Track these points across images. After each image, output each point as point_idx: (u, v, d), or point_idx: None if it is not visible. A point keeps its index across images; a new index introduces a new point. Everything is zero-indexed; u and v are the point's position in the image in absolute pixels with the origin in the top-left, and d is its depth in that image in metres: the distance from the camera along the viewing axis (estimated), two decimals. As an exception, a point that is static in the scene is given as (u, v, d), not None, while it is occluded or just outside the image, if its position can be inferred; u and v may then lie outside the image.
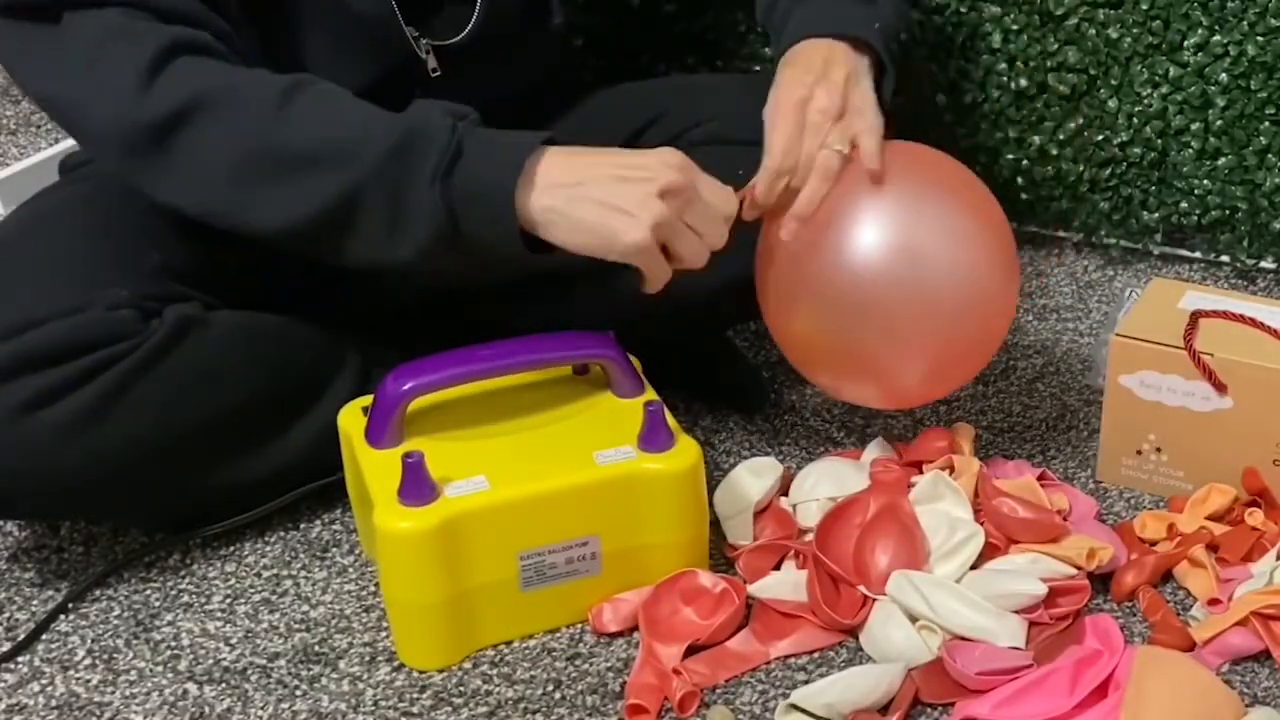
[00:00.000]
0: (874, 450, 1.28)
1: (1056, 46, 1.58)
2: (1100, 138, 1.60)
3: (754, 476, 1.24)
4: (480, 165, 1.07)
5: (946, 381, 1.24)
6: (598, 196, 1.06)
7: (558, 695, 1.10)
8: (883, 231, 1.15)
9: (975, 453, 1.28)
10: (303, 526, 1.28)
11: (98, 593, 1.21)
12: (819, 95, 1.16)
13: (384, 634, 1.16)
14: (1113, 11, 1.56)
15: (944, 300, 1.16)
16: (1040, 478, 1.26)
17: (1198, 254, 1.64)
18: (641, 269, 1.10)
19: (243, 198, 1.11)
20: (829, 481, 1.24)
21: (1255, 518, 1.21)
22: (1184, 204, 1.59)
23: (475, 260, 1.11)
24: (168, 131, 1.09)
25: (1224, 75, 1.54)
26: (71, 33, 1.10)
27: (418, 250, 1.09)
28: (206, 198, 1.12)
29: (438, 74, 1.25)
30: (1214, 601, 1.14)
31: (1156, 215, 1.61)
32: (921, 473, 1.24)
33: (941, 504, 1.19)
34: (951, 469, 1.23)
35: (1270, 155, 1.54)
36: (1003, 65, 1.60)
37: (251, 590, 1.21)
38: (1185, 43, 1.55)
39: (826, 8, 1.23)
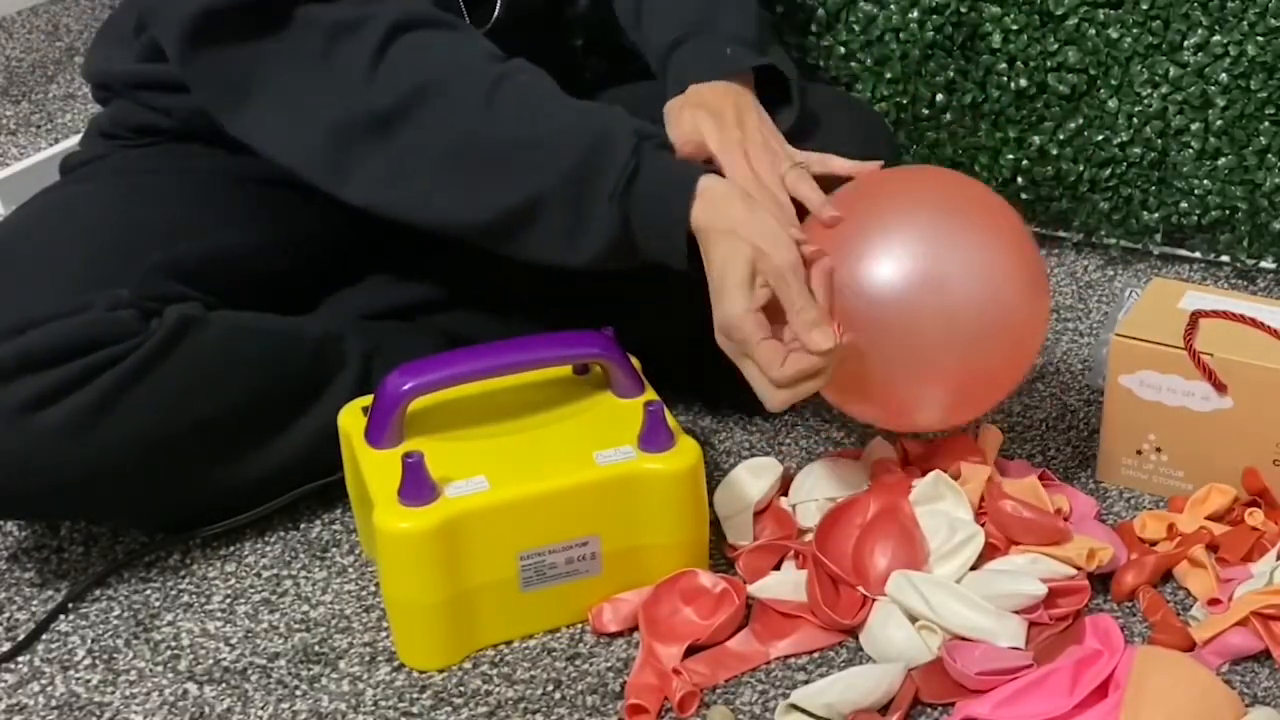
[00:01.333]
0: (875, 450, 1.28)
1: (1056, 46, 1.58)
2: (1100, 138, 1.60)
3: (753, 476, 1.24)
4: (655, 188, 1.11)
5: (966, 410, 1.20)
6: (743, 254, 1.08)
7: (558, 695, 1.10)
8: (901, 259, 1.12)
9: (996, 455, 1.28)
10: (303, 526, 1.28)
11: (98, 593, 1.21)
12: (752, 151, 1.18)
13: (384, 634, 1.16)
14: (1113, 11, 1.56)
15: (967, 326, 1.13)
16: (1040, 478, 1.26)
17: (1198, 254, 1.64)
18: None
19: (437, 193, 1.14)
20: (829, 481, 1.24)
21: (1255, 518, 1.21)
22: (1184, 204, 1.59)
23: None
24: (386, 128, 1.13)
25: (1224, 75, 1.54)
26: (300, 33, 1.13)
27: (594, 257, 1.14)
28: (403, 193, 1.15)
29: None
30: (1214, 601, 1.14)
31: (1156, 215, 1.61)
32: (923, 474, 1.24)
33: (942, 504, 1.19)
34: (958, 474, 1.23)
35: (1270, 155, 1.54)
36: (1003, 65, 1.60)
37: (251, 590, 1.21)
38: (1185, 43, 1.55)
39: (714, 47, 1.25)
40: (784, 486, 1.27)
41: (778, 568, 1.19)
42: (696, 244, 1.11)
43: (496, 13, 1.26)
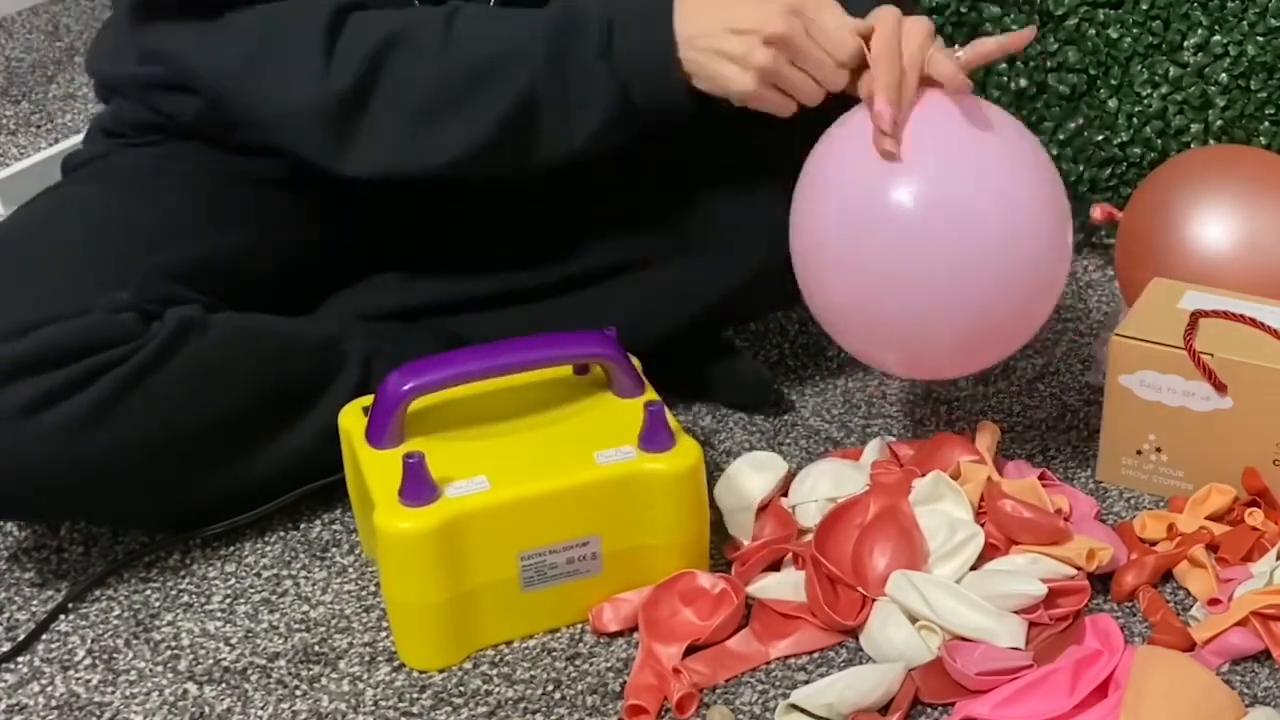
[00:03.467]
0: (873, 450, 1.28)
1: (1056, 46, 1.58)
2: (1100, 138, 1.60)
3: (755, 471, 1.23)
4: (635, 33, 1.13)
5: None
6: (715, 46, 1.12)
7: (558, 695, 1.10)
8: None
9: (996, 454, 1.28)
10: (303, 526, 1.28)
11: (98, 593, 1.21)
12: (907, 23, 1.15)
13: (384, 634, 1.16)
14: (1113, 11, 1.56)
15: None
16: (1040, 478, 1.26)
17: (1198, 254, 1.64)
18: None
19: (432, 136, 1.16)
20: (828, 482, 1.24)
21: (1255, 518, 1.21)
22: (1184, 204, 1.59)
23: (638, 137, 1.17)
24: (361, 96, 1.15)
25: (1224, 75, 1.55)
26: (239, 22, 1.15)
27: (593, 133, 1.15)
28: (399, 151, 1.17)
29: None
30: (1214, 601, 1.14)
31: (1156, 215, 1.61)
32: (922, 475, 1.24)
33: (942, 504, 1.19)
34: (957, 475, 1.23)
35: (1270, 155, 1.54)
36: (1003, 65, 1.60)
37: (251, 590, 1.21)
38: (1185, 43, 1.55)
39: None
40: (785, 486, 1.27)
41: (777, 568, 1.19)
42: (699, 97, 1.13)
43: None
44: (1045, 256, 1.15)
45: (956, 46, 1.16)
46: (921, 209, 1.11)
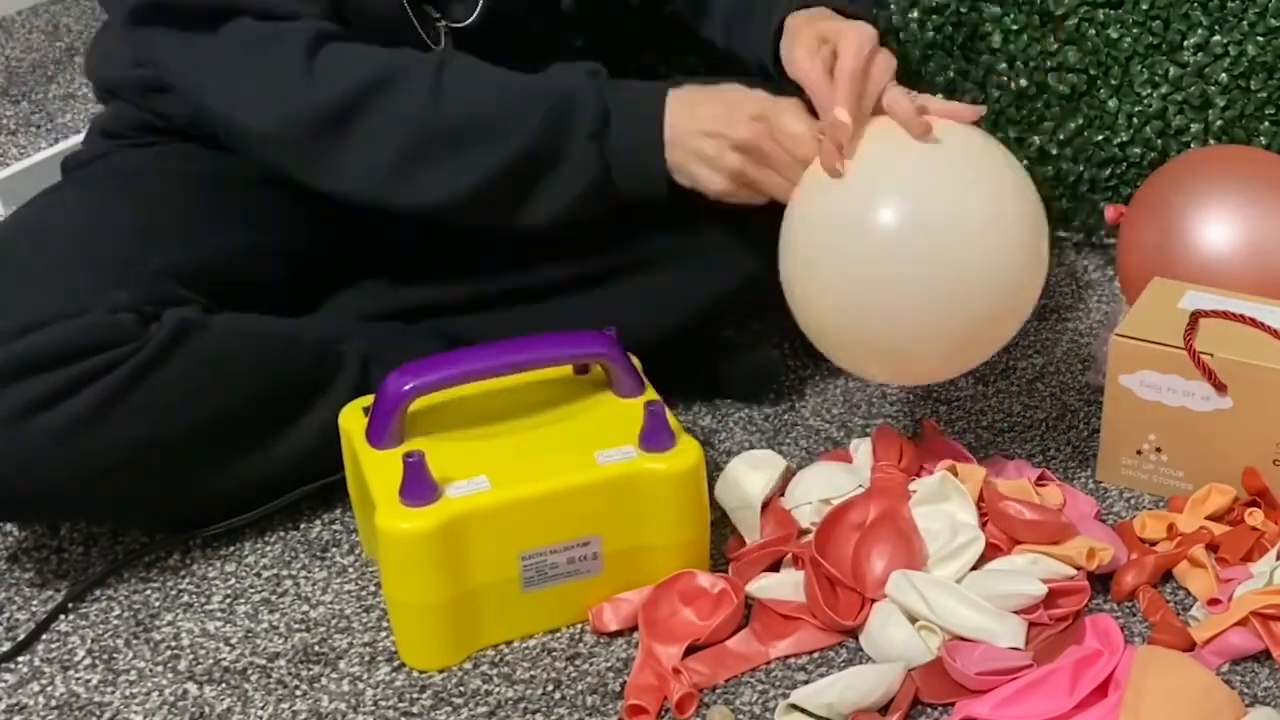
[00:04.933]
0: (863, 450, 1.27)
1: (1056, 46, 1.58)
2: (1100, 138, 1.60)
3: (752, 469, 1.23)
4: (629, 125, 1.18)
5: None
6: (692, 147, 1.17)
7: (558, 695, 1.10)
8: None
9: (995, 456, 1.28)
10: (303, 526, 1.28)
11: (98, 593, 1.21)
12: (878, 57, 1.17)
13: (384, 634, 1.16)
14: (1113, 11, 1.56)
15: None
16: (1040, 478, 1.26)
17: (1198, 254, 1.64)
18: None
19: (411, 177, 1.18)
20: (820, 485, 1.24)
21: (1255, 518, 1.21)
22: (1184, 204, 1.59)
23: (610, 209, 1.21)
24: (342, 118, 1.17)
25: (1224, 75, 1.54)
26: (225, 38, 1.17)
27: (566, 207, 1.19)
28: (375, 181, 1.19)
29: None
30: (1214, 601, 1.14)
31: (1156, 215, 1.61)
32: (920, 476, 1.24)
33: (947, 505, 1.19)
34: (954, 473, 1.23)
35: (1270, 155, 1.54)
36: (1003, 65, 1.60)
37: (251, 590, 1.21)
38: (1185, 43, 1.55)
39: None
40: (784, 484, 1.26)
41: (775, 569, 1.19)
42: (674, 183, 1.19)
43: (479, 9, 1.26)
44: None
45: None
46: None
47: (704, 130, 1.17)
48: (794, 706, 1.05)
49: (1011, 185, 1.16)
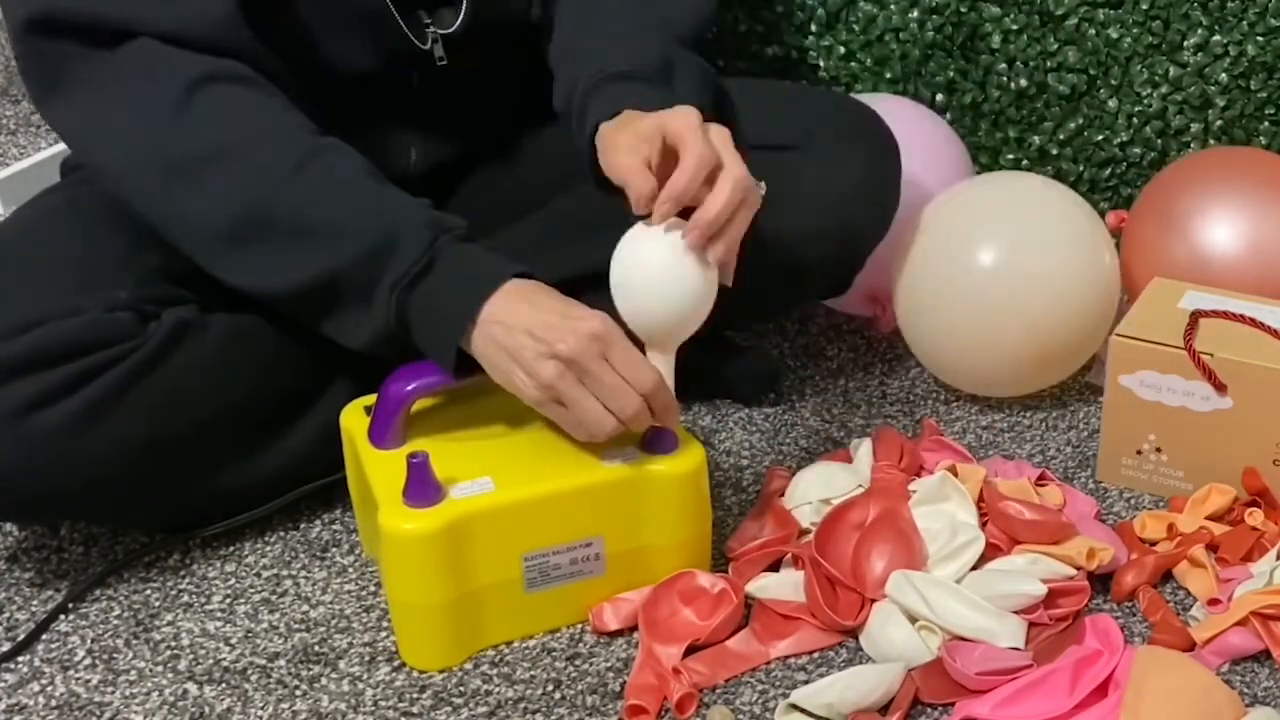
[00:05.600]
0: (863, 450, 1.27)
1: (1056, 46, 1.58)
2: (1100, 138, 1.60)
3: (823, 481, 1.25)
4: (441, 290, 1.09)
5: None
6: (508, 342, 1.07)
7: (558, 695, 1.10)
8: None
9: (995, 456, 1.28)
10: (303, 526, 1.28)
11: (98, 593, 1.21)
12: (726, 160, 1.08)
13: (384, 634, 1.16)
14: (1113, 11, 1.56)
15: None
16: (1040, 478, 1.27)
17: (1197, 254, 1.64)
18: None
19: (231, 253, 1.13)
20: (820, 485, 1.24)
21: (1255, 518, 1.21)
22: (1184, 204, 1.59)
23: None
24: (197, 168, 1.12)
25: (1224, 75, 1.55)
26: (108, 66, 1.12)
27: (366, 344, 1.14)
28: (205, 243, 1.14)
29: (444, 62, 1.25)
30: (1214, 601, 1.14)
31: (1156, 215, 1.61)
32: (920, 475, 1.24)
33: (947, 505, 1.19)
34: (954, 473, 1.23)
35: (1270, 155, 1.54)
36: (1003, 65, 1.60)
37: (251, 590, 1.21)
38: (1185, 43, 1.55)
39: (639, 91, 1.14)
40: (783, 488, 1.27)
41: (775, 569, 1.19)
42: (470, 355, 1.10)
43: (461, 17, 1.26)
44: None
45: (761, 185, 1.10)
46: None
47: (529, 329, 1.06)
48: (794, 706, 1.05)
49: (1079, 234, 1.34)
